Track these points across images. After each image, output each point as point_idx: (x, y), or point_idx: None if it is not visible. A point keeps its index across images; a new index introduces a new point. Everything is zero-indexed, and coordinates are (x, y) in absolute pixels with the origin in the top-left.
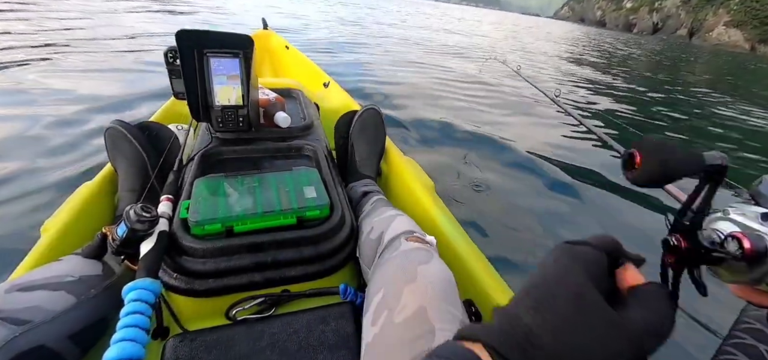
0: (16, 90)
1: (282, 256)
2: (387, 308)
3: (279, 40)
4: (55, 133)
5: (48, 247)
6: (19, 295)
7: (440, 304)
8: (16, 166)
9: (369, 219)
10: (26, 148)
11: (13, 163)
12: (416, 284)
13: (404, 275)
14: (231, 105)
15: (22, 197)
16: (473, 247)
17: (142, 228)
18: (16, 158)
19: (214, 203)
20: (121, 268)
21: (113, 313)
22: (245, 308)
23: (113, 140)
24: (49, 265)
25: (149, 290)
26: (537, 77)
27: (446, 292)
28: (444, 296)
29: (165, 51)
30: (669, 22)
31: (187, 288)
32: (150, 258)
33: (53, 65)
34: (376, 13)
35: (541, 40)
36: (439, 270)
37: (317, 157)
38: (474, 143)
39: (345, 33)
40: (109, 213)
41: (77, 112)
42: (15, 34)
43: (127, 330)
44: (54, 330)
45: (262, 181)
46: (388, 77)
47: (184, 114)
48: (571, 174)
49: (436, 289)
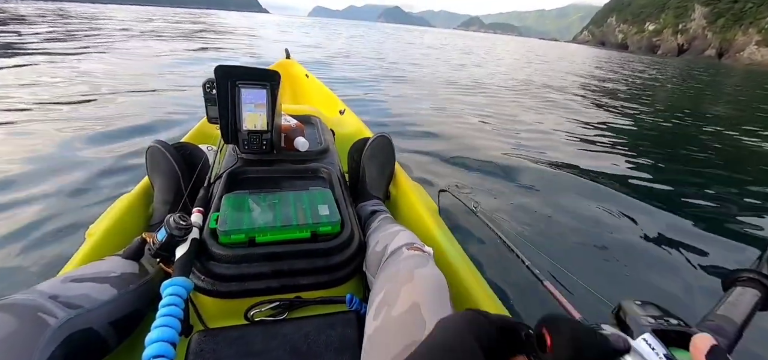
0: (76, 120)
1: (296, 266)
2: (386, 305)
3: (300, 69)
4: (100, 151)
5: (92, 249)
6: (72, 285)
7: (432, 302)
8: (67, 181)
9: (375, 235)
10: (74, 165)
11: (64, 177)
12: (412, 284)
13: (403, 277)
14: (256, 130)
15: (71, 207)
16: (469, 263)
17: (179, 234)
18: (66, 174)
19: (239, 216)
20: (154, 269)
21: (147, 307)
22: (262, 310)
23: (153, 157)
24: (95, 263)
25: (183, 287)
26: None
27: (438, 292)
28: (436, 296)
29: (203, 82)
30: (695, 43)
31: (213, 289)
32: (184, 261)
33: (108, 98)
34: (404, 47)
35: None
36: (433, 274)
37: (331, 178)
38: (484, 174)
39: (364, 65)
40: (144, 221)
41: (117, 134)
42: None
43: (166, 318)
44: (99, 316)
45: (282, 198)
46: (406, 109)
47: (213, 136)
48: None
49: (429, 289)
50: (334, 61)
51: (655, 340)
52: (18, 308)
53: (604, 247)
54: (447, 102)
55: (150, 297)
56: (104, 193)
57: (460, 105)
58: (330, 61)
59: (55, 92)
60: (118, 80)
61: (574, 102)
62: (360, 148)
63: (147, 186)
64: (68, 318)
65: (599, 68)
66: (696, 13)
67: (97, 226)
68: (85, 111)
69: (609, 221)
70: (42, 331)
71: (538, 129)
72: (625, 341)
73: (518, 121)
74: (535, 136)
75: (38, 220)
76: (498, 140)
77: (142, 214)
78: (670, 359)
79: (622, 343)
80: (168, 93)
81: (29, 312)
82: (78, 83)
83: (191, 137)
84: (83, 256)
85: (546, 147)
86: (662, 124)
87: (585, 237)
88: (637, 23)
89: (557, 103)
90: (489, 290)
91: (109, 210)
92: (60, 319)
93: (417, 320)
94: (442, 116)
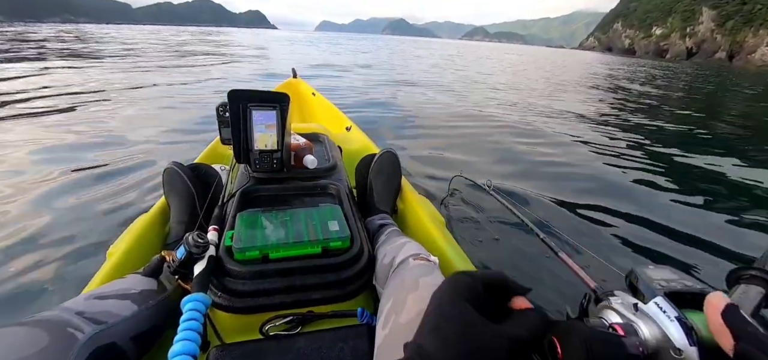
0: (95, 143)
1: (308, 281)
2: (394, 313)
3: (306, 88)
4: (119, 172)
5: (112, 268)
6: (96, 302)
7: None
8: (87, 202)
9: (383, 248)
10: (94, 187)
11: (84, 198)
12: (418, 292)
13: (409, 286)
14: (267, 149)
15: (91, 228)
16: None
17: (197, 252)
18: (87, 196)
19: (253, 233)
20: (172, 286)
21: (165, 322)
22: (276, 325)
23: (170, 178)
24: (117, 281)
25: (202, 302)
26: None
27: None
28: None
29: (217, 106)
30: (704, 47)
31: (229, 305)
32: (202, 277)
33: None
34: (412, 57)
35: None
36: (437, 282)
37: (340, 195)
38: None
39: (370, 79)
40: (161, 240)
41: (133, 155)
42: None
43: (187, 332)
44: (121, 331)
45: (293, 215)
46: (412, 119)
47: (225, 155)
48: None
49: None
50: (337, 78)
51: (666, 302)
52: (49, 324)
53: (617, 231)
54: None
55: (168, 313)
56: (123, 215)
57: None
58: (333, 77)
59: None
60: (131, 101)
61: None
62: (367, 163)
63: (164, 206)
64: (94, 332)
65: (618, 73)
66: (704, 17)
67: (117, 245)
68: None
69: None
70: (71, 345)
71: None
72: (644, 346)
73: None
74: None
75: (61, 238)
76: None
77: (159, 234)
78: (682, 320)
79: (640, 349)
80: (181, 113)
81: (59, 327)
82: (93, 103)
83: (204, 157)
84: (105, 274)
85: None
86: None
87: (599, 217)
88: (644, 28)
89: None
90: None
91: (128, 230)
92: (87, 334)
93: None
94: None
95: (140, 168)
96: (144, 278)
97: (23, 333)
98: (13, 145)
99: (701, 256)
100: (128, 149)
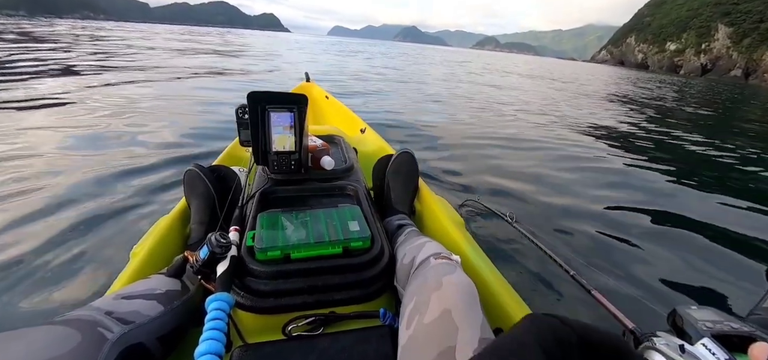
0: (115, 145)
1: (330, 281)
2: (418, 313)
3: (320, 91)
4: (141, 174)
5: (136, 268)
6: (124, 302)
7: (463, 308)
8: (111, 203)
9: (403, 247)
10: (116, 190)
11: (107, 200)
12: (442, 291)
13: (432, 285)
14: (285, 151)
15: (118, 229)
16: (495, 272)
17: (220, 252)
18: (110, 198)
19: (274, 234)
20: (194, 287)
21: (189, 322)
22: (298, 325)
23: (191, 180)
24: (142, 281)
25: (227, 302)
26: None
27: (468, 297)
28: (466, 301)
29: (236, 108)
30: (720, 64)
31: (252, 305)
32: (225, 276)
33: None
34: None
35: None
36: (462, 280)
37: (358, 195)
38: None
39: (385, 86)
40: (182, 241)
41: (156, 155)
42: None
43: (213, 332)
44: (148, 331)
45: (313, 215)
46: (428, 125)
47: (243, 158)
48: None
49: (459, 295)
50: (351, 81)
51: (714, 344)
52: (81, 323)
53: (643, 255)
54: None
55: (192, 313)
56: (144, 214)
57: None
58: (347, 81)
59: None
60: (150, 101)
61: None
62: (384, 164)
63: (184, 207)
64: (123, 332)
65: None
66: (719, 33)
67: (141, 246)
68: (126, 130)
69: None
70: (101, 344)
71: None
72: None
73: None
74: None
75: (84, 237)
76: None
77: (180, 234)
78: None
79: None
80: (199, 116)
81: (90, 327)
82: (112, 106)
83: (223, 159)
84: (129, 275)
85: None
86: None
87: (626, 248)
88: (658, 43)
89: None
90: (519, 298)
91: (150, 231)
92: (116, 334)
93: (449, 326)
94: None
95: (160, 169)
96: (168, 279)
97: (56, 332)
98: (34, 141)
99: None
100: (148, 151)
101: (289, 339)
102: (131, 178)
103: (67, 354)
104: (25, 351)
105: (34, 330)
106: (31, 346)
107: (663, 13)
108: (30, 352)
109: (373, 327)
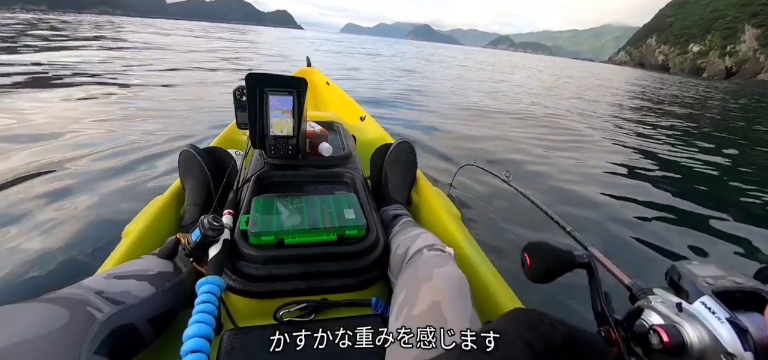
0: (113, 125)
1: (324, 268)
2: (407, 304)
3: (320, 77)
4: (135, 154)
5: (128, 248)
6: (115, 282)
7: (452, 300)
8: (103, 180)
9: (397, 238)
10: (110, 166)
11: (100, 175)
12: (432, 283)
13: (423, 277)
14: (283, 135)
15: (110, 207)
16: (490, 266)
17: (213, 235)
18: (103, 175)
19: (268, 219)
20: (187, 269)
21: (180, 305)
22: (290, 311)
23: (186, 161)
24: (134, 261)
25: (217, 285)
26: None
27: (458, 291)
28: (456, 294)
29: (234, 89)
30: (745, 67)
31: (243, 289)
32: (217, 260)
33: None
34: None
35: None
36: (453, 272)
37: (355, 183)
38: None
39: (398, 86)
40: (176, 222)
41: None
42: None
43: (202, 314)
44: (139, 312)
45: (308, 202)
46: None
47: (239, 141)
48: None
49: (449, 288)
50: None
51: (714, 302)
52: (70, 302)
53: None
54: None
55: (183, 295)
56: (139, 194)
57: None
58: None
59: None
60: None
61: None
62: (383, 153)
63: (179, 188)
64: (113, 313)
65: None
66: (746, 35)
67: (133, 226)
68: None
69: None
70: (90, 324)
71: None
72: (589, 256)
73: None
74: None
75: (78, 214)
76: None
77: (174, 215)
78: (735, 323)
79: (586, 258)
80: (197, 98)
81: (79, 306)
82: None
83: (220, 141)
84: (121, 254)
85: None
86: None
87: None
88: (680, 44)
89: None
90: (511, 293)
91: (143, 211)
92: (105, 314)
93: (437, 319)
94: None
95: (156, 149)
96: (160, 260)
97: (44, 310)
98: (32, 119)
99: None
100: (144, 131)
101: (280, 324)
102: (124, 154)
103: (53, 333)
104: (9, 331)
105: (20, 307)
106: (16, 325)
107: (686, 14)
108: (15, 332)
109: (365, 316)
